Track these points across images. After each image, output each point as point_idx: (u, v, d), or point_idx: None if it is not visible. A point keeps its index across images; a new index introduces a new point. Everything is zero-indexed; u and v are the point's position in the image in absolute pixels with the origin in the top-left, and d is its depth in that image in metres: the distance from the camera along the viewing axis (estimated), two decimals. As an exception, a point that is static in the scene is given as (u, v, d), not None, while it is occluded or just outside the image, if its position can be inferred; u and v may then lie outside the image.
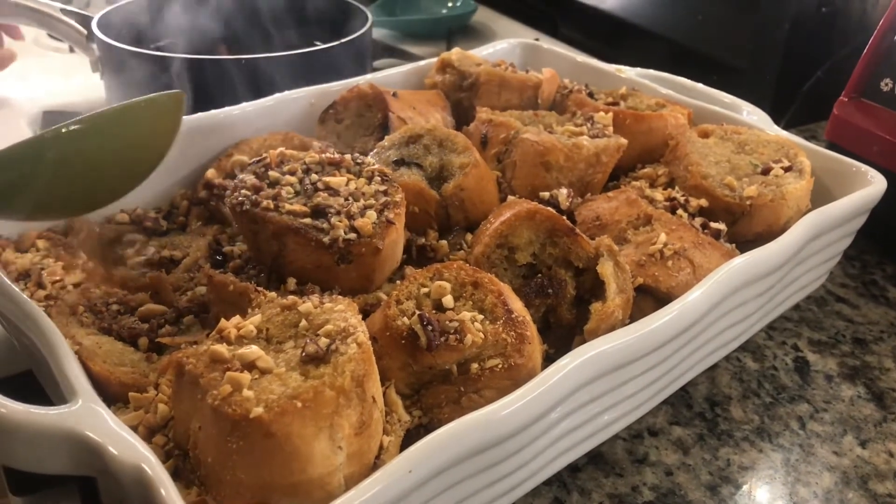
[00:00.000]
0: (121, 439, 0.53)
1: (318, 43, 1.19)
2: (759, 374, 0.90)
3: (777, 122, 1.50)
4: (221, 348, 0.55)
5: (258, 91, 1.01)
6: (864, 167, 0.93)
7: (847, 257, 1.13)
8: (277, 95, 1.00)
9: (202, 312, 0.74)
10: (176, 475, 0.56)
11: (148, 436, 0.60)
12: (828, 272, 0.97)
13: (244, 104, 0.98)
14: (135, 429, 0.60)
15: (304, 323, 0.59)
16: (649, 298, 0.76)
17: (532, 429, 0.60)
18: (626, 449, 0.79)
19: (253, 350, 0.55)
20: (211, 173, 0.90)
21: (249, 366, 0.54)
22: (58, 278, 0.75)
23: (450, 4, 2.00)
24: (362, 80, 1.04)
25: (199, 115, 0.95)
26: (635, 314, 0.71)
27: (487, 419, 0.56)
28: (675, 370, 0.76)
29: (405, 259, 0.80)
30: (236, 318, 0.60)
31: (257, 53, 1.17)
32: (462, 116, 1.05)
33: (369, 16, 1.33)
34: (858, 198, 0.88)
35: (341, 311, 0.59)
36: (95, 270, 0.78)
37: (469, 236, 0.84)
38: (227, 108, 0.97)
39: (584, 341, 0.67)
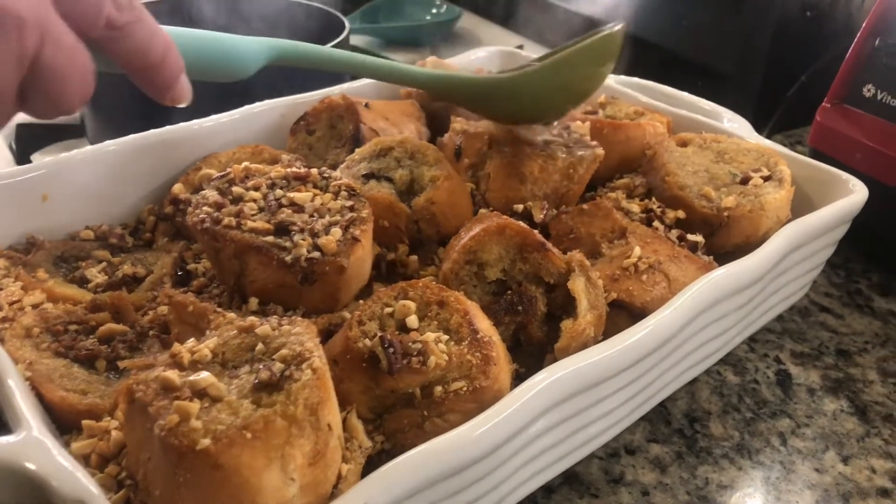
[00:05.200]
0: (64, 472, 0.51)
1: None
2: (739, 389, 0.88)
3: (763, 127, 1.49)
4: (172, 375, 0.53)
5: (230, 102, 0.99)
6: (844, 175, 0.91)
7: (832, 266, 1.11)
8: (247, 107, 0.98)
9: (164, 333, 0.72)
10: (128, 506, 0.55)
11: (101, 464, 0.58)
12: (810, 282, 0.95)
13: (214, 116, 0.96)
14: (87, 457, 0.59)
15: (260, 346, 0.57)
16: (624, 314, 0.74)
17: (498, 454, 0.58)
18: (602, 468, 0.77)
19: (204, 377, 0.53)
20: (178, 188, 0.88)
21: (200, 393, 0.52)
22: (16, 299, 0.73)
23: (433, 11, 1.99)
24: (335, 91, 1.02)
25: (168, 127, 0.93)
26: (610, 330, 0.70)
27: (446, 446, 0.54)
28: (652, 387, 0.75)
29: (375, 275, 0.78)
30: (191, 342, 0.58)
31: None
32: (438, 127, 1.03)
33: (346, 24, 1.31)
34: (839, 207, 0.86)
35: (298, 335, 0.57)
36: (55, 290, 0.76)
37: (442, 251, 0.82)
38: (196, 120, 0.95)
39: (555, 360, 0.65)
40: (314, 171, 0.77)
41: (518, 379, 0.67)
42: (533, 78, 0.85)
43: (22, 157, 1.29)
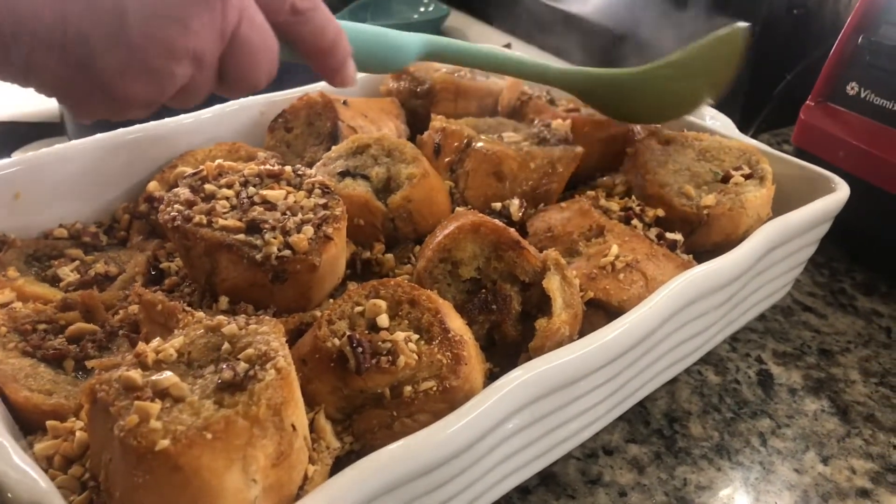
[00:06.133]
0: (20, 474, 0.50)
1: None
2: (720, 389, 0.87)
3: (750, 125, 1.48)
4: (134, 374, 0.52)
5: (208, 100, 0.97)
6: (826, 173, 0.90)
7: (816, 265, 1.10)
8: (225, 104, 0.97)
9: (134, 332, 0.71)
10: (92, 508, 0.54)
11: (65, 466, 0.57)
12: (792, 281, 0.95)
13: (192, 113, 0.95)
14: (51, 458, 0.58)
15: (226, 346, 0.56)
16: (601, 313, 0.74)
17: (469, 453, 0.58)
18: (579, 469, 0.76)
19: (166, 377, 0.52)
20: (153, 186, 0.87)
21: (162, 393, 0.51)
22: (-16, 298, 0.72)
23: (421, 9, 1.97)
24: (313, 88, 1.01)
25: (145, 124, 0.92)
26: (587, 329, 0.69)
27: (414, 446, 0.53)
28: (629, 386, 0.74)
29: (349, 274, 0.77)
30: (156, 341, 0.57)
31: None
32: (419, 124, 1.02)
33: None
34: (820, 206, 0.85)
35: (264, 334, 0.56)
36: (26, 288, 0.75)
37: (418, 249, 0.81)
38: (174, 118, 0.94)
39: (529, 359, 0.64)
40: (287, 168, 0.76)
41: (492, 378, 0.66)
42: (654, 74, 0.87)
43: (1, 155, 1.28)
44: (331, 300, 0.72)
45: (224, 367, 0.53)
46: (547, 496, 0.73)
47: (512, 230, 0.73)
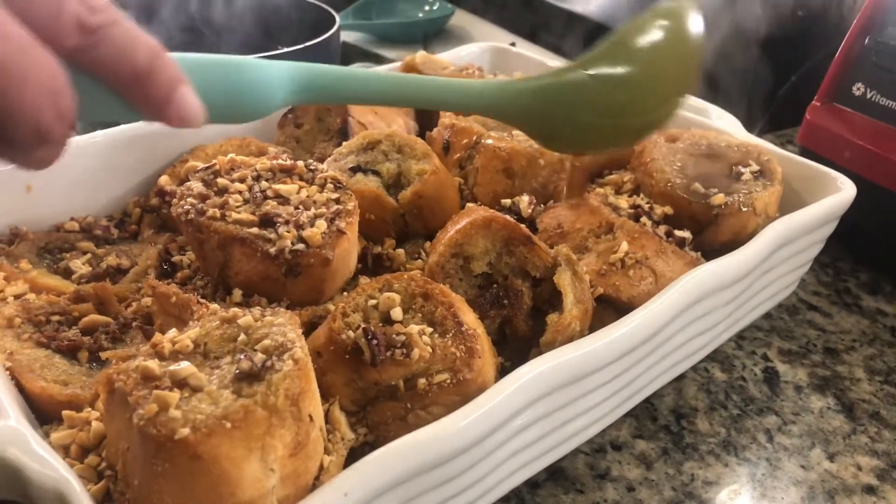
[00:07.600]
0: (42, 461, 0.50)
1: (280, 47, 1.16)
2: (727, 386, 0.88)
3: (754, 126, 1.49)
4: (152, 364, 0.53)
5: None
6: (833, 173, 0.91)
7: (820, 264, 1.11)
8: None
9: (147, 324, 0.71)
10: (109, 497, 0.54)
11: (81, 455, 0.58)
12: (798, 280, 0.95)
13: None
14: (67, 448, 0.58)
15: (242, 337, 0.56)
16: (610, 309, 0.74)
17: (481, 446, 0.58)
18: (587, 464, 0.76)
19: (185, 367, 0.52)
20: (164, 180, 0.87)
21: (180, 383, 0.52)
22: (-2, 290, 0.73)
23: (426, 8, 1.98)
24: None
25: (155, 120, 0.92)
26: (596, 325, 0.69)
27: (428, 437, 0.54)
28: (637, 382, 0.74)
29: (360, 269, 0.78)
30: (172, 332, 0.57)
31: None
32: (427, 121, 1.03)
33: (337, 19, 1.30)
34: (827, 205, 0.86)
35: (281, 326, 0.56)
36: (38, 280, 0.75)
37: (429, 245, 0.81)
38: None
39: (540, 354, 0.64)
40: (300, 163, 0.76)
41: (503, 373, 0.67)
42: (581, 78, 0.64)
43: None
44: (343, 294, 0.73)
45: (241, 357, 0.53)
46: (556, 490, 0.73)
47: (523, 226, 0.73)
